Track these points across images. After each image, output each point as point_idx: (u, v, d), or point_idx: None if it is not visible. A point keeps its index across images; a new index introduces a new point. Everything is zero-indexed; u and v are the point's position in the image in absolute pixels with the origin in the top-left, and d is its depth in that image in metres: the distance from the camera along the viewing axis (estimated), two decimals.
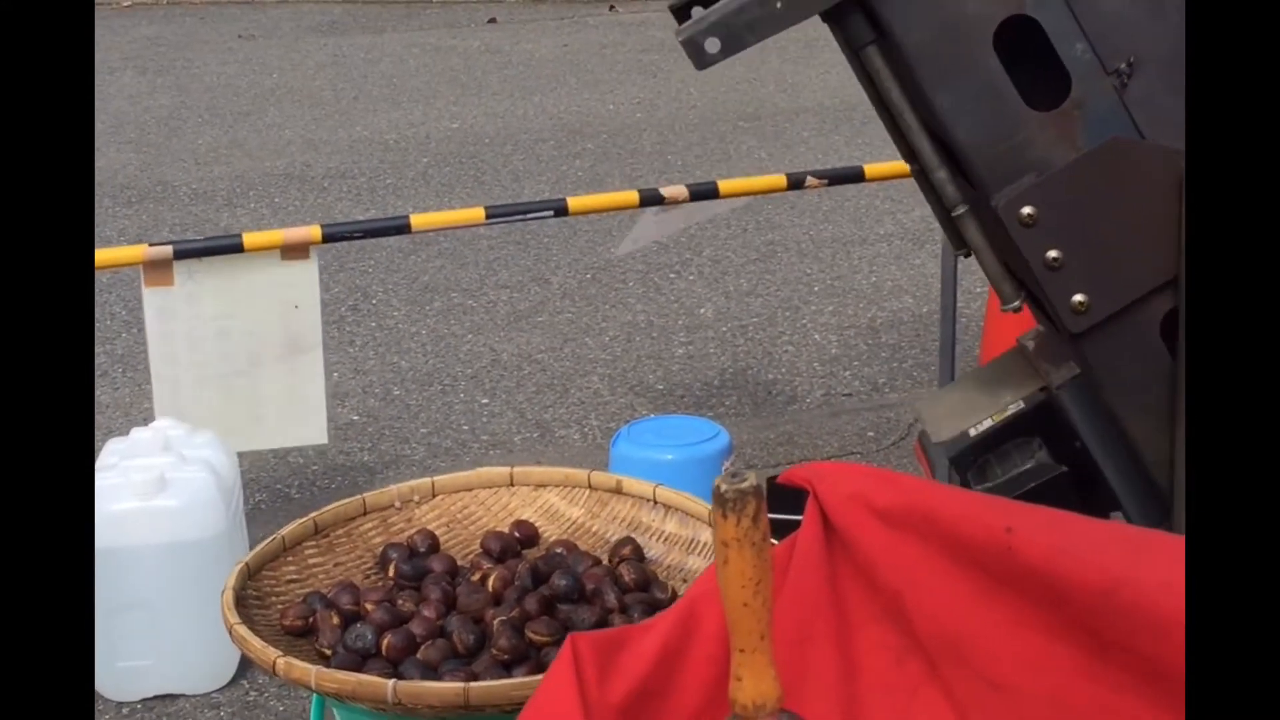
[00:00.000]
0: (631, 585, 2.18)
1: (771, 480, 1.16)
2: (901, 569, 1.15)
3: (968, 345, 4.59)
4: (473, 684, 1.91)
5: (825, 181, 3.77)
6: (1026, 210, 1.67)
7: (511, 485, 2.45)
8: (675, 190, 3.70)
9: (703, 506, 2.24)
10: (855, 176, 3.91)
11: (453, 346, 5.06)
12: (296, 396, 3.64)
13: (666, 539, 2.33)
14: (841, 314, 5.21)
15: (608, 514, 2.40)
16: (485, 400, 4.68)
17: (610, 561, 2.25)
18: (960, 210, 1.79)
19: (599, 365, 4.88)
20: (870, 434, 4.36)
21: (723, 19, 1.67)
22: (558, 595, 2.16)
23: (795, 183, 3.75)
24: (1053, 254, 1.68)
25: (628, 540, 2.28)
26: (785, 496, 1.21)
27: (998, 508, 1.14)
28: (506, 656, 2.05)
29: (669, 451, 3.54)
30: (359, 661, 2.06)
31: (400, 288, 5.58)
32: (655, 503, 2.35)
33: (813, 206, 6.22)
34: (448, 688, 1.90)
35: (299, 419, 3.68)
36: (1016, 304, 1.83)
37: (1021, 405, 1.80)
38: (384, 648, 2.07)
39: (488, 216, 3.70)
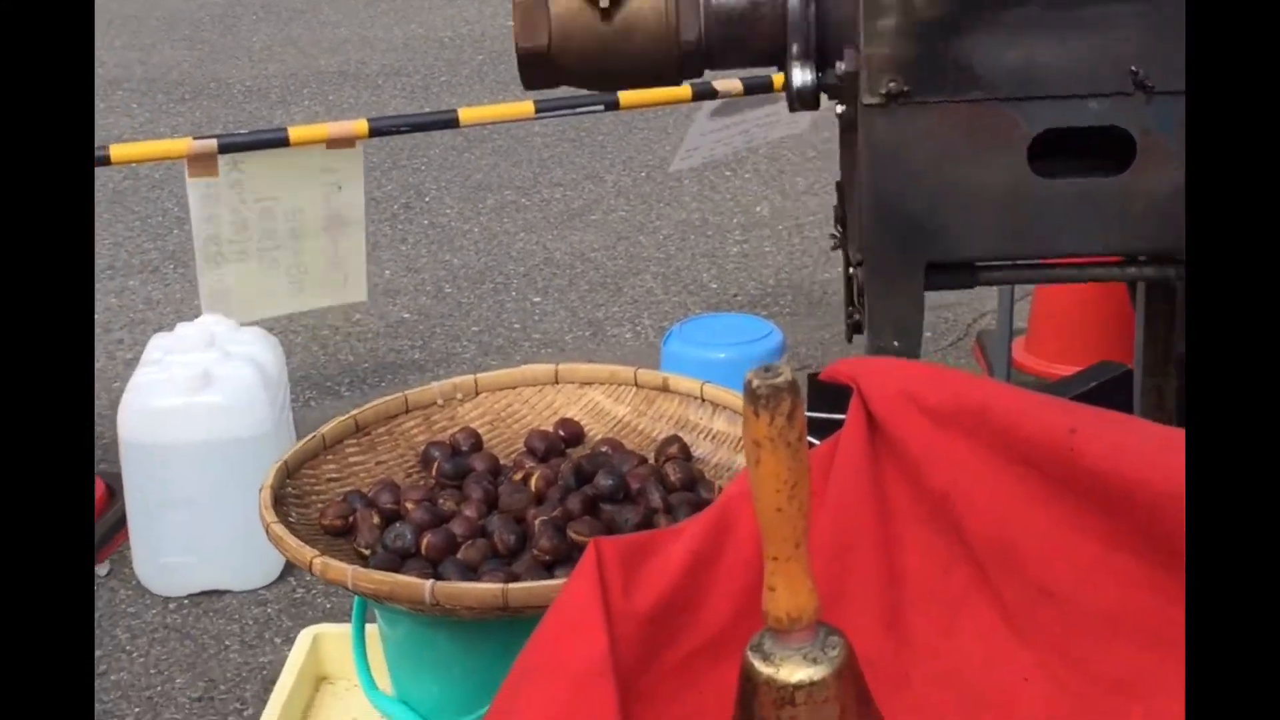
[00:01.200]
0: (677, 485, 2.12)
1: (813, 376, 1.09)
2: (951, 470, 1.08)
3: None
4: (512, 585, 1.86)
5: None
6: None
7: (556, 383, 2.40)
8: (729, 84, 3.60)
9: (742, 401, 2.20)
10: None
11: (505, 244, 5.00)
12: (338, 264, 3.61)
13: (714, 437, 2.28)
14: None
15: (654, 412, 2.35)
16: (537, 299, 4.62)
17: (656, 460, 2.20)
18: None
19: (652, 264, 4.81)
20: (928, 334, 4.27)
21: None
22: (601, 495, 2.11)
23: None
24: None
25: (674, 439, 2.23)
26: (828, 394, 1.14)
27: (1058, 407, 1.06)
28: (548, 557, 2.00)
29: (721, 350, 3.47)
30: (398, 561, 2.02)
31: (453, 185, 5.51)
32: (703, 400, 2.29)
33: None
34: (486, 589, 1.86)
35: (339, 282, 3.65)
36: None
37: None
38: (423, 547, 2.03)
39: (537, 111, 3.62)
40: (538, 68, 1.92)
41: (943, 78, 1.57)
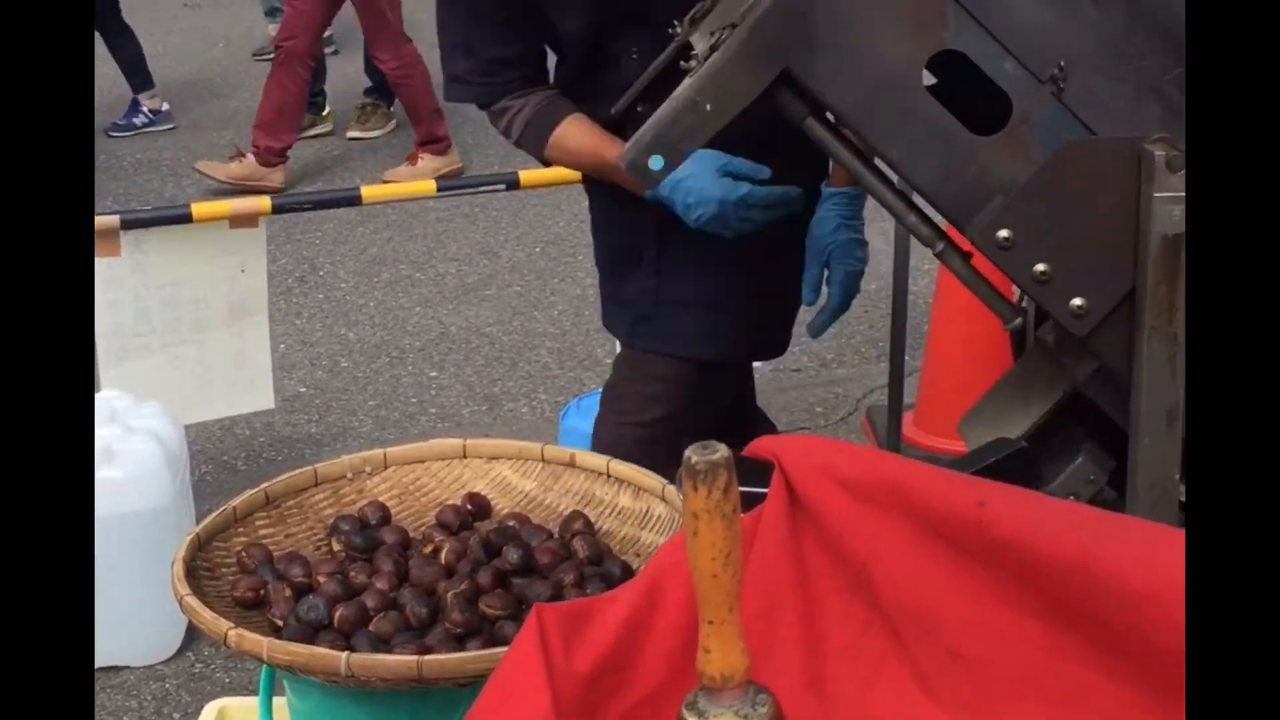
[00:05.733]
0: (585, 560, 2.18)
1: (737, 453, 1.16)
2: (868, 541, 1.15)
3: (915, 321, 4.60)
4: (426, 657, 1.90)
5: None
6: (1002, 234, 1.67)
7: (464, 457, 2.44)
8: None
9: (656, 481, 2.25)
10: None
11: (401, 319, 5.04)
12: (243, 363, 3.64)
13: (619, 513, 2.33)
14: None
15: (560, 487, 2.38)
16: (434, 373, 4.66)
17: (562, 536, 2.25)
18: (939, 247, 1.80)
19: (548, 339, 4.87)
20: (819, 409, 4.38)
21: (658, 135, 1.68)
22: (511, 569, 2.16)
23: None
24: (1040, 268, 1.68)
25: (578, 515, 2.29)
26: (750, 469, 1.20)
27: (968, 483, 1.14)
28: (460, 630, 2.04)
29: None
30: (310, 634, 2.04)
31: (348, 259, 5.55)
32: (609, 476, 2.35)
33: None
34: (400, 661, 1.89)
35: (246, 386, 3.68)
36: (1018, 322, 1.85)
37: (1053, 405, 1.81)
38: (336, 620, 2.05)
39: (439, 189, 3.69)
40: None
41: None
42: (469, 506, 2.35)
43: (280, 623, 2.07)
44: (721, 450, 0.94)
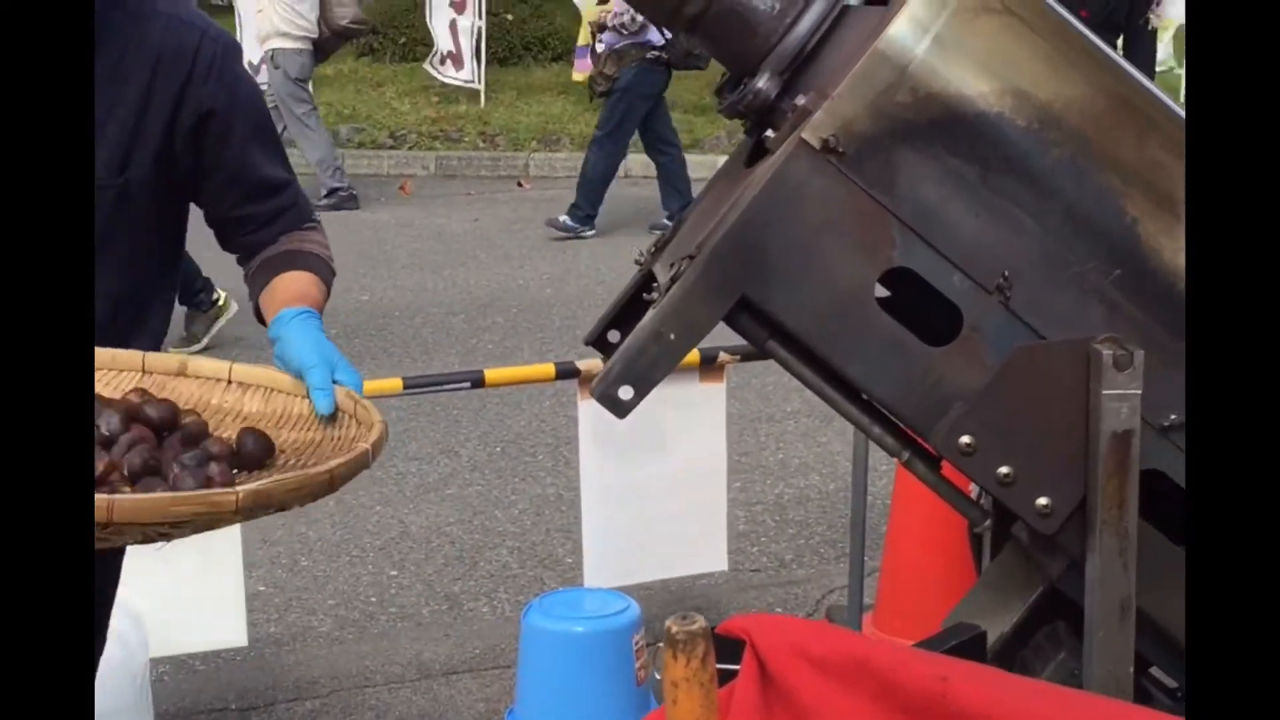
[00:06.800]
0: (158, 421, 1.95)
1: (710, 631, 1.20)
2: (837, 717, 1.18)
3: (874, 521, 4.66)
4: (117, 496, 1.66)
5: (738, 357, 3.84)
6: (964, 440, 1.73)
7: None
8: (591, 364, 3.75)
9: (285, 378, 2.10)
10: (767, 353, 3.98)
11: (361, 517, 5.04)
12: (218, 595, 3.60)
13: (246, 419, 2.10)
14: (749, 490, 5.27)
15: (169, 394, 2.09)
16: (394, 572, 4.66)
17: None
18: (905, 456, 1.86)
19: (508, 538, 4.89)
20: (778, 609, 4.39)
21: (627, 366, 1.76)
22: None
23: (708, 358, 3.82)
24: (1003, 470, 1.73)
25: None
26: (722, 647, 1.24)
27: (932, 659, 1.19)
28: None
29: (580, 624, 3.56)
30: None
31: None
32: (231, 383, 2.13)
33: None
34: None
35: (217, 619, 3.64)
36: (987, 524, 1.91)
37: (1031, 602, 1.86)
38: None
39: (405, 387, 3.74)
40: None
41: (872, 166, 1.69)
42: None
43: None
44: (700, 621, 0.98)
